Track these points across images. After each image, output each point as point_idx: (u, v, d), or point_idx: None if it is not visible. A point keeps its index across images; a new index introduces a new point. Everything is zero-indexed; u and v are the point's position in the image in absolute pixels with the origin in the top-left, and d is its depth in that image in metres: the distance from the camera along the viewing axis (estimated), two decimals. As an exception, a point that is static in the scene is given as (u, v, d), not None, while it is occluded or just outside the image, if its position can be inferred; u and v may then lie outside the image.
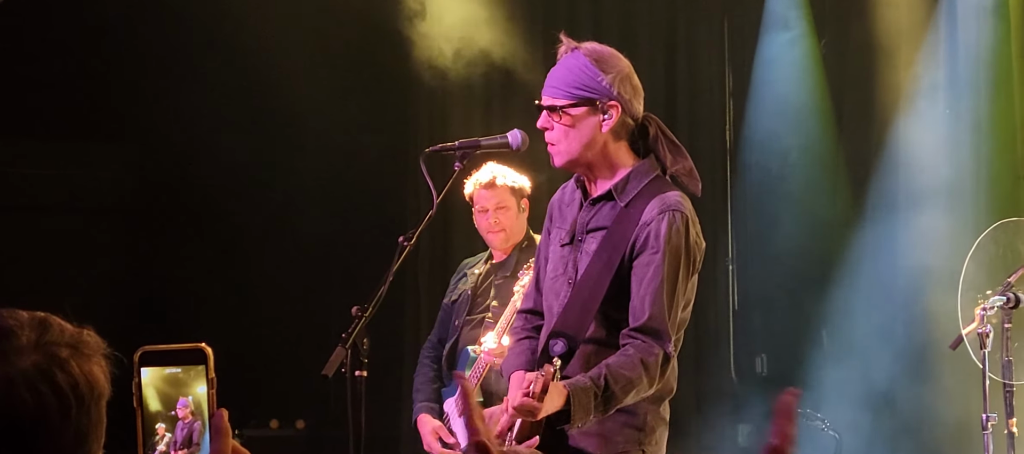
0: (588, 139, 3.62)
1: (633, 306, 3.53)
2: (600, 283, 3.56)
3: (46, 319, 1.60)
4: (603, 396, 3.45)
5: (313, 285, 7.57)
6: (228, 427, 1.58)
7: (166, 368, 1.58)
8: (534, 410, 3.39)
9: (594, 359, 3.54)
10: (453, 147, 4.18)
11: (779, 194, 7.25)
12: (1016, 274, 5.17)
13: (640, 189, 3.62)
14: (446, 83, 7.35)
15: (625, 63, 3.68)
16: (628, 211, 3.60)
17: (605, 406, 3.47)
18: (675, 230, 3.53)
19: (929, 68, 6.60)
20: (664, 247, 3.52)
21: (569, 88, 3.61)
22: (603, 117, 3.61)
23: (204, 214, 7.69)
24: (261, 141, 7.45)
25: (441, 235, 7.20)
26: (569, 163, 3.67)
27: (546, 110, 3.65)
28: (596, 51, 3.66)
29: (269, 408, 7.67)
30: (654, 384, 3.53)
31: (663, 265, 3.51)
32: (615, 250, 3.57)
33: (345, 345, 3.98)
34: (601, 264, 3.58)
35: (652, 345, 3.49)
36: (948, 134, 6.49)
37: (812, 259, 7.11)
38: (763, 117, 7.33)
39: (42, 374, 1.54)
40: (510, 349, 3.90)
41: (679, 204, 3.58)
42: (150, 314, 7.30)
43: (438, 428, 5.37)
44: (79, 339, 1.60)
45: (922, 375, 6.36)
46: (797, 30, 7.24)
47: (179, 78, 7.55)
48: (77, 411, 1.56)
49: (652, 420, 3.65)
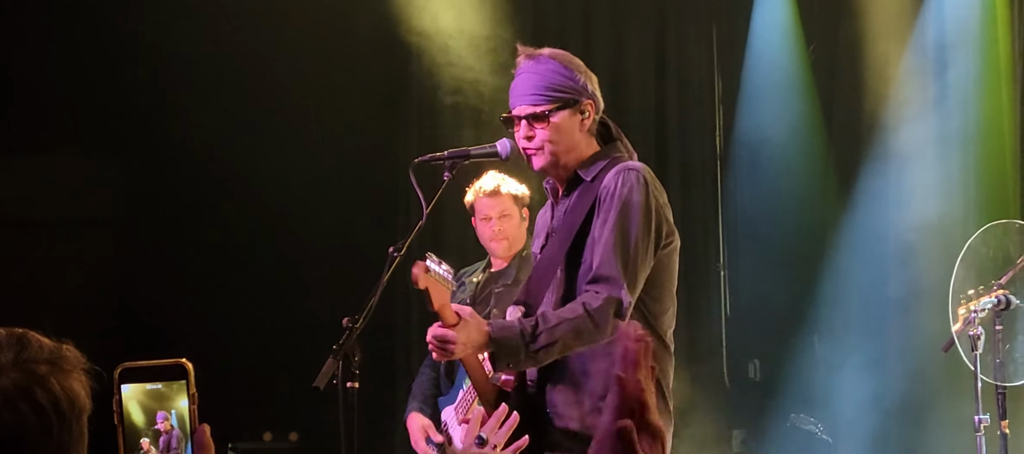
0: (572, 141, 3.66)
1: (587, 259, 3.55)
2: (560, 250, 3.60)
3: (24, 336, 1.59)
4: (531, 335, 3.45)
5: (305, 297, 7.56)
6: (210, 442, 1.58)
7: (147, 384, 1.58)
8: (447, 340, 3.42)
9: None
10: (442, 157, 4.19)
11: (770, 200, 7.26)
12: (1006, 276, 5.19)
13: (605, 164, 3.66)
14: (436, 95, 7.35)
15: (581, 62, 3.74)
16: (592, 184, 3.64)
17: (534, 347, 3.46)
18: (628, 187, 3.56)
19: (916, 71, 6.62)
20: (616, 202, 3.54)
21: (547, 92, 3.65)
22: (582, 116, 3.66)
23: (193, 225, 7.67)
24: (250, 151, 7.43)
25: (431, 245, 7.18)
26: (550, 165, 3.69)
27: (527, 120, 3.66)
28: (560, 54, 3.72)
29: (262, 420, 7.65)
30: (601, 327, 3.47)
31: (615, 219, 3.53)
32: (577, 217, 3.61)
33: (336, 356, 3.97)
34: (562, 233, 3.63)
35: (599, 290, 3.48)
36: (937, 136, 6.51)
37: (804, 264, 7.12)
38: (753, 123, 7.35)
39: (22, 392, 1.54)
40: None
41: (636, 166, 3.62)
42: (139, 327, 7.27)
43: (427, 426, 5.37)
44: (58, 355, 1.59)
45: (914, 378, 6.37)
46: (786, 36, 7.25)
47: (165, 87, 7.54)
48: (58, 428, 1.55)
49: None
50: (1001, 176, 6.36)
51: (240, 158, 7.47)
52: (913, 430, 6.35)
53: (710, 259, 7.50)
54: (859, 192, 6.90)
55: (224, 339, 7.28)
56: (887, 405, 6.54)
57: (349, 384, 4.08)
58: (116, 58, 7.48)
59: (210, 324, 7.36)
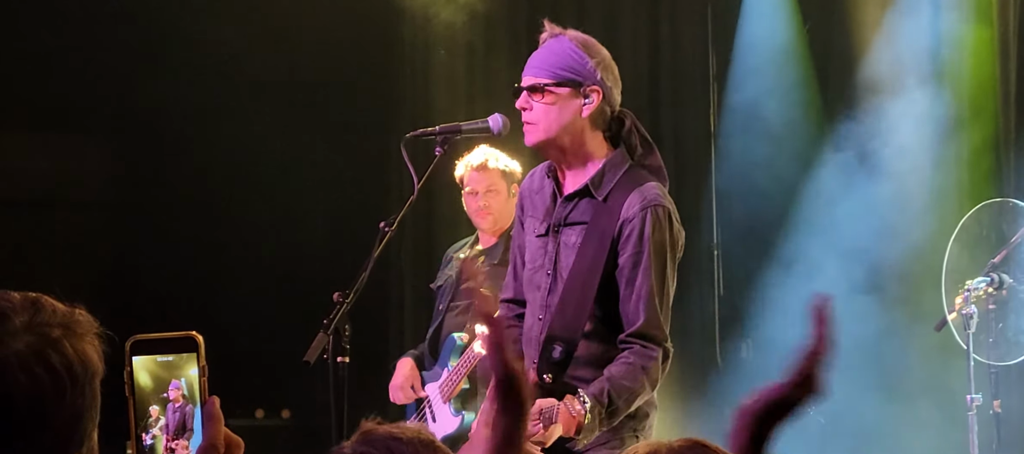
0: (567, 121, 3.62)
1: (626, 310, 3.57)
2: (590, 283, 3.58)
3: (38, 300, 1.60)
4: (607, 411, 3.51)
5: (298, 273, 7.55)
6: (220, 414, 1.60)
7: (157, 356, 1.59)
8: (543, 442, 3.49)
9: (588, 353, 3.59)
10: (434, 132, 4.18)
11: (764, 178, 7.24)
12: (1000, 255, 5.19)
13: (617, 181, 3.63)
14: (429, 69, 7.33)
15: (607, 53, 3.71)
16: (607, 205, 3.61)
17: (610, 420, 3.54)
18: (658, 227, 3.56)
19: (912, 48, 6.60)
20: (648, 246, 3.54)
21: (553, 69, 3.62)
22: (584, 101, 3.62)
23: (184, 204, 7.66)
24: (241, 128, 7.42)
25: (423, 220, 7.18)
26: (544, 143, 3.66)
27: (527, 90, 3.65)
28: (581, 37, 3.68)
29: (255, 397, 7.65)
30: (656, 385, 3.60)
31: (651, 265, 3.54)
32: (599, 246, 3.59)
33: (327, 331, 3.97)
34: (587, 262, 3.60)
35: (651, 349, 3.55)
36: (932, 114, 6.49)
37: (798, 243, 7.11)
38: (748, 101, 7.32)
39: (36, 355, 1.55)
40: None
41: (658, 197, 3.60)
42: (132, 306, 7.26)
43: (412, 376, 5.38)
44: (71, 318, 1.59)
45: (907, 357, 6.37)
46: (781, 12, 7.23)
47: (159, 67, 7.51)
48: (72, 391, 1.56)
49: (645, 406, 3.68)
50: (996, 153, 6.34)
51: (231, 136, 7.46)
52: (906, 409, 6.35)
53: (703, 238, 7.49)
54: (856, 171, 6.89)
55: (216, 317, 7.26)
56: (880, 384, 6.54)
57: (339, 359, 4.08)
58: (110, 39, 7.46)
59: (201, 302, 7.35)
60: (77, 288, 1.69)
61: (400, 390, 5.42)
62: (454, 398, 5.29)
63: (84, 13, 7.37)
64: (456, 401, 5.30)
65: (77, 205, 7.89)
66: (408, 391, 5.40)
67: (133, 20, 7.41)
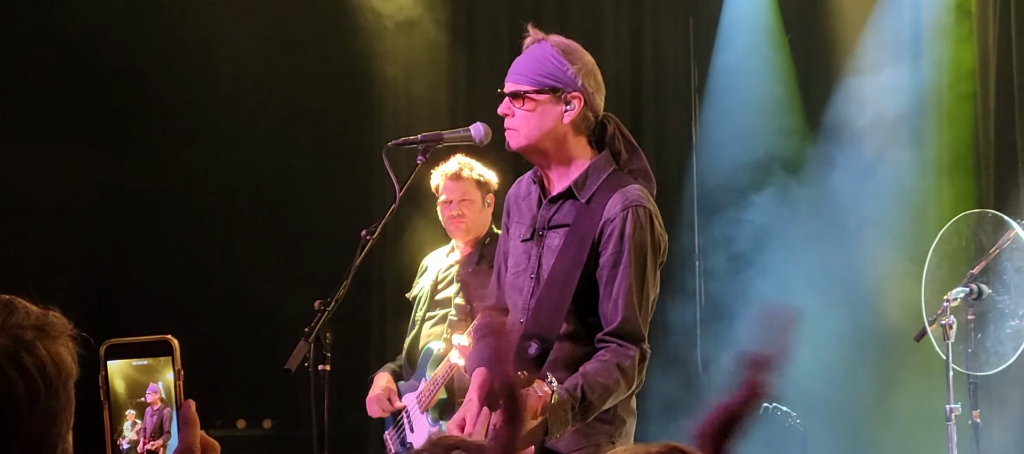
0: (548, 127, 3.63)
1: (604, 309, 3.57)
2: (568, 282, 3.58)
3: (11, 301, 1.59)
4: (581, 406, 3.48)
5: (279, 282, 7.54)
6: (196, 417, 1.59)
7: (133, 360, 1.58)
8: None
9: (566, 355, 3.57)
10: (416, 140, 4.19)
11: (746, 190, 7.27)
12: (979, 266, 5.21)
13: (600, 183, 3.63)
14: (410, 77, 7.34)
15: (590, 59, 3.71)
16: (590, 207, 3.61)
17: (583, 415, 3.51)
18: (639, 227, 3.56)
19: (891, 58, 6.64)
20: (629, 246, 3.54)
21: (534, 75, 3.63)
22: (566, 107, 3.63)
23: (163, 213, 7.65)
24: (221, 137, 7.41)
25: (405, 229, 7.18)
26: (526, 148, 3.67)
27: (508, 97, 3.66)
28: (563, 43, 3.68)
29: (235, 408, 7.64)
30: (632, 384, 3.57)
31: (630, 265, 3.53)
32: (580, 247, 3.58)
33: (308, 339, 3.97)
34: (567, 262, 3.60)
35: (627, 348, 3.53)
36: (913, 126, 6.53)
37: (778, 255, 7.14)
38: (730, 113, 7.35)
39: (9, 358, 1.53)
40: (474, 346, 3.90)
41: (640, 199, 3.60)
42: (112, 314, 7.24)
43: (388, 389, 5.38)
44: (45, 321, 1.59)
45: (887, 368, 6.39)
46: (762, 24, 7.26)
47: (143, 74, 7.51)
48: (46, 393, 1.55)
49: (622, 413, 3.67)
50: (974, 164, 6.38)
51: (214, 145, 7.45)
52: (885, 419, 6.37)
53: (685, 249, 7.50)
54: (834, 178, 6.91)
55: (197, 327, 7.24)
56: (860, 393, 6.56)
57: (320, 367, 4.07)
58: (92, 45, 7.44)
59: (182, 312, 7.33)
60: (57, 294, 1.69)
61: (375, 402, 5.42)
62: (432, 408, 5.29)
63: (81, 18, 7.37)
64: (433, 411, 5.30)
65: (58, 210, 7.87)
66: (384, 403, 5.40)
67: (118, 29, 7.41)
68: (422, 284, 5.51)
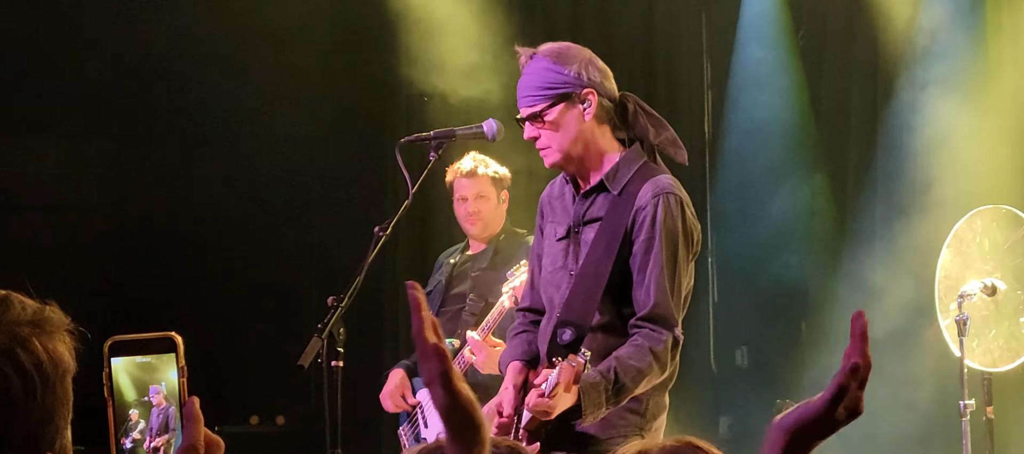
0: (575, 133, 3.65)
1: (636, 295, 3.60)
2: (601, 270, 3.61)
3: (7, 297, 1.57)
4: (614, 389, 3.51)
5: (292, 279, 7.56)
6: (200, 414, 1.56)
7: (137, 357, 1.57)
8: (549, 409, 3.46)
9: (601, 345, 3.59)
10: (428, 137, 4.20)
11: (758, 186, 7.25)
12: (993, 261, 5.20)
13: (631, 175, 3.67)
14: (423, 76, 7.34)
15: (585, 51, 3.74)
16: (622, 198, 3.65)
17: (616, 398, 3.53)
18: (669, 214, 3.59)
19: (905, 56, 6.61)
20: (660, 232, 3.58)
21: (540, 91, 3.66)
22: (583, 106, 3.66)
23: (178, 209, 7.66)
24: (236, 133, 7.43)
25: (418, 225, 7.19)
26: (562, 161, 3.70)
27: (528, 121, 3.68)
28: (553, 49, 3.71)
29: (249, 404, 7.65)
30: (666, 369, 3.60)
31: (662, 251, 3.57)
32: (613, 237, 3.62)
33: (321, 335, 3.98)
34: (600, 252, 3.63)
35: (660, 332, 3.56)
36: (928, 122, 6.50)
37: (792, 252, 7.12)
38: (742, 109, 7.34)
39: (5, 354, 1.51)
40: (507, 344, 3.91)
41: (671, 187, 3.64)
42: (126, 312, 7.26)
43: (403, 386, 5.38)
44: (41, 316, 1.56)
45: (900, 364, 6.37)
46: (774, 22, 7.25)
47: (152, 72, 7.53)
48: (42, 390, 1.53)
49: (654, 407, 3.70)
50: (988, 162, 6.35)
51: (226, 140, 7.46)
52: (898, 415, 6.36)
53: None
54: (850, 177, 6.90)
55: (211, 324, 7.27)
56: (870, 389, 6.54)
57: (334, 363, 4.09)
58: (101, 41, 7.46)
59: (196, 309, 7.36)
60: (68, 291, 1.68)
61: (390, 398, 5.43)
62: (446, 403, 5.28)
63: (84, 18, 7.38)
64: (448, 406, 5.29)
65: (72, 206, 7.89)
66: (398, 399, 5.40)
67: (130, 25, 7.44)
68: (437, 279, 5.51)
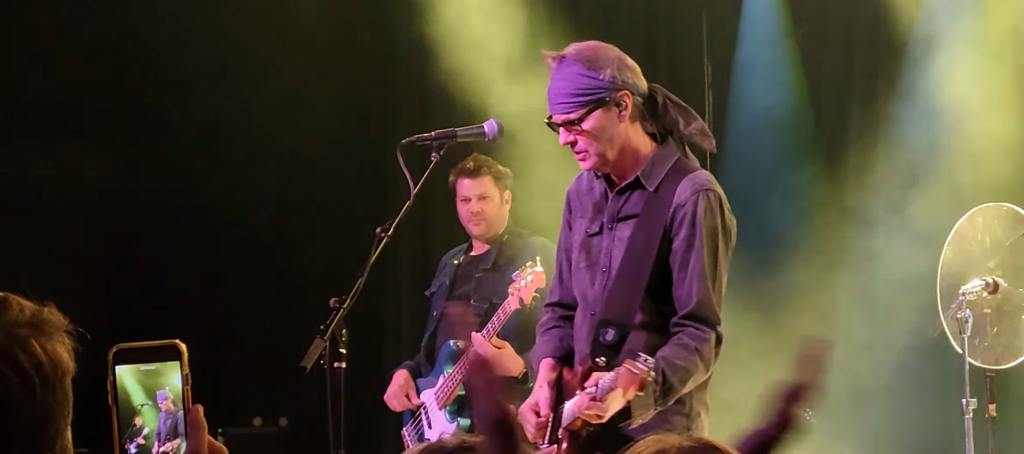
0: (611, 136, 3.65)
1: (678, 293, 3.61)
2: (641, 271, 3.62)
3: (5, 299, 1.56)
4: (662, 390, 3.51)
5: (294, 280, 7.55)
6: (204, 422, 1.56)
7: (141, 365, 1.57)
8: (601, 413, 3.46)
9: (642, 346, 3.58)
10: (430, 137, 4.20)
11: (760, 188, 7.25)
12: (995, 259, 5.20)
13: (667, 171, 3.68)
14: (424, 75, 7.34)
15: (613, 50, 3.73)
16: (659, 195, 3.65)
17: (664, 400, 3.54)
18: (710, 210, 3.61)
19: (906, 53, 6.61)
20: (701, 229, 3.59)
21: (575, 98, 3.65)
22: (618, 109, 3.65)
23: (179, 212, 7.66)
24: (237, 135, 7.43)
25: (420, 226, 7.19)
26: (601, 164, 3.70)
27: (563, 127, 3.67)
28: (583, 53, 3.69)
29: (252, 406, 7.65)
30: (710, 367, 3.61)
31: (702, 248, 3.58)
32: (652, 234, 3.63)
33: (323, 336, 3.98)
34: (639, 250, 3.64)
35: (703, 330, 3.57)
36: (929, 118, 6.49)
37: (796, 252, 7.12)
38: (743, 107, 7.34)
39: (4, 356, 1.51)
40: (538, 340, 3.92)
41: (709, 183, 3.66)
42: (127, 315, 7.27)
43: (407, 386, 5.39)
44: (40, 317, 1.56)
45: (902, 360, 6.37)
46: (774, 19, 7.24)
47: (153, 73, 7.53)
48: (42, 391, 1.53)
49: (697, 406, 3.70)
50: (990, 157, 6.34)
51: (227, 142, 7.46)
52: (900, 413, 6.35)
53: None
54: (852, 177, 6.89)
55: (213, 325, 7.27)
56: (874, 387, 6.54)
57: (336, 364, 4.09)
58: (103, 44, 7.46)
59: (199, 310, 7.35)
60: (72, 295, 1.68)
61: (394, 398, 5.44)
62: (450, 404, 5.30)
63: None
64: (452, 407, 5.31)
65: (70, 212, 7.89)
66: (402, 399, 5.41)
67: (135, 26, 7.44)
68: (441, 281, 5.52)
